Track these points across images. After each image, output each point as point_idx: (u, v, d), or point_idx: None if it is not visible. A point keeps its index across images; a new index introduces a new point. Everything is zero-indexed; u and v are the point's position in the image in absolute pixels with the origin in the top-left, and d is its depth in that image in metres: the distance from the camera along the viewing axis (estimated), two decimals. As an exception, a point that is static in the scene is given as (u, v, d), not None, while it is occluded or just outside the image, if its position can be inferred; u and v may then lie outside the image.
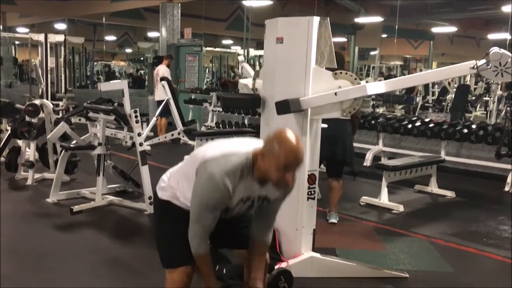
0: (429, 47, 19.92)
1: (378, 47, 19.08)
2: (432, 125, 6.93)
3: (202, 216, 2.10)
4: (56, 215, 4.64)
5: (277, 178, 1.99)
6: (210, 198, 2.04)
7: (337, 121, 4.32)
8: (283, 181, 1.99)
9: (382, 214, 4.99)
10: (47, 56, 11.48)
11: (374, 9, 15.26)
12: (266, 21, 3.57)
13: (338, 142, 4.39)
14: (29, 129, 5.75)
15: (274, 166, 1.96)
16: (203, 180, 2.05)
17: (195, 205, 2.12)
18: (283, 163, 1.95)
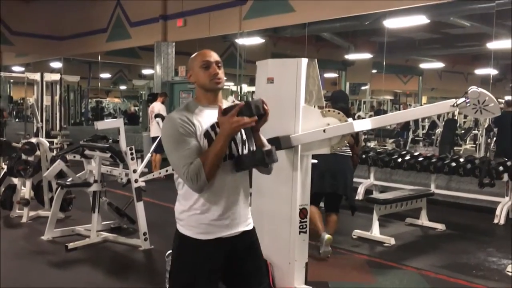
0: (418, 82, 20.36)
1: (368, 82, 19.48)
2: (421, 159, 7.07)
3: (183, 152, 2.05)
4: (51, 252, 4.68)
5: (206, 77, 2.16)
6: (175, 124, 2.08)
7: (339, 157, 4.53)
8: (212, 75, 2.15)
9: (373, 247, 5.07)
10: (43, 95, 11.64)
11: (364, 46, 15.68)
12: (258, 62, 3.74)
13: (340, 178, 4.54)
14: (26, 167, 5.83)
15: (199, 71, 2.17)
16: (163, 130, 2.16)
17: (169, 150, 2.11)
18: (201, 62, 2.17)
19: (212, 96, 2.20)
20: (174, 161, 2.09)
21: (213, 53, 2.21)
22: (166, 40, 11.33)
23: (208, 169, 2.02)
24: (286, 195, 3.49)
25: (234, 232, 2.20)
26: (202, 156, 2.05)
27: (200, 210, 2.15)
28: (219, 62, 2.19)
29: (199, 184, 2.04)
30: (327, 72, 20.18)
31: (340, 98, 4.83)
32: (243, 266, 2.27)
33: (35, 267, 4.31)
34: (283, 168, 3.48)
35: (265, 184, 3.60)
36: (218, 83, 2.17)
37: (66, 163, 5.47)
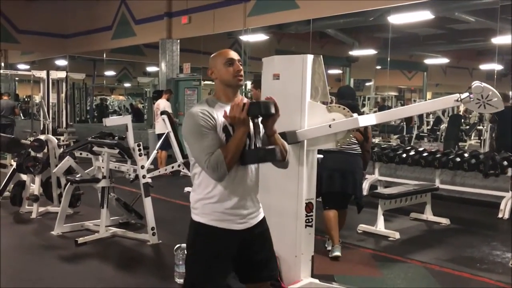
0: (423, 78, 20.33)
1: (372, 78, 19.48)
2: (425, 154, 7.11)
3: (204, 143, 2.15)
4: (61, 247, 4.76)
5: (230, 74, 2.28)
6: (196, 118, 2.18)
7: (348, 155, 4.48)
8: (235, 72, 2.28)
9: (379, 242, 5.12)
10: (49, 92, 11.72)
11: (368, 42, 15.68)
12: (264, 59, 3.79)
13: (349, 177, 4.48)
14: (35, 163, 5.92)
15: (222, 68, 2.29)
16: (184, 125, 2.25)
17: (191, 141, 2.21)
18: (224, 60, 2.30)
19: (232, 93, 2.31)
20: (196, 152, 2.20)
21: (234, 52, 2.35)
22: (171, 37, 11.39)
23: (228, 160, 2.14)
24: (292, 190, 3.54)
25: (247, 225, 2.30)
26: (223, 147, 2.17)
27: (215, 199, 2.24)
28: (240, 60, 2.33)
29: (219, 173, 2.15)
30: (331, 69, 20.19)
31: (346, 94, 4.78)
32: (255, 256, 2.36)
33: (45, 261, 4.39)
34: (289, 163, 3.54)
35: (272, 179, 3.64)
36: (240, 80, 2.31)
37: (74, 159, 5.55)
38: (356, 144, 4.53)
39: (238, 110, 2.16)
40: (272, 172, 3.63)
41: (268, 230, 2.45)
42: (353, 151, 4.54)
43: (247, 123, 2.21)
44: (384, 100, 18.68)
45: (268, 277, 2.42)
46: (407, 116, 9.69)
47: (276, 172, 3.60)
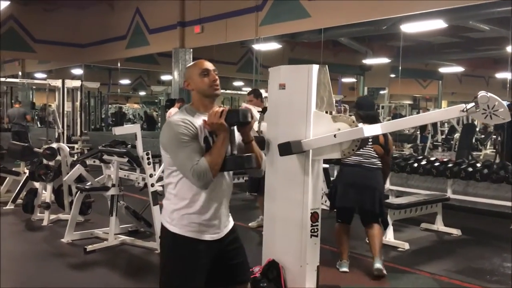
0: (438, 86, 20.17)
1: (386, 87, 19.38)
2: (437, 163, 7.03)
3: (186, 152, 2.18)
4: (71, 254, 4.81)
5: (205, 83, 2.31)
6: (176, 127, 2.20)
7: (366, 170, 4.31)
8: (210, 82, 2.31)
9: (387, 252, 5.07)
10: (64, 101, 11.93)
11: (381, 50, 15.63)
12: (270, 69, 3.81)
13: (366, 193, 4.29)
14: (47, 171, 6.00)
15: (197, 78, 2.32)
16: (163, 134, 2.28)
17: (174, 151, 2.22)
18: (199, 70, 2.32)
19: (209, 102, 2.35)
20: (180, 161, 2.22)
21: (209, 62, 2.38)
22: (183, 46, 11.48)
23: (213, 166, 2.19)
24: (298, 199, 3.54)
25: (222, 234, 2.37)
26: (207, 154, 2.21)
27: (193, 210, 2.28)
28: (216, 70, 2.36)
29: (205, 180, 2.19)
30: (345, 77, 20.16)
31: (365, 105, 4.61)
32: (230, 262, 2.43)
33: (55, 268, 4.44)
34: (294, 172, 3.55)
35: (277, 188, 3.66)
36: (216, 89, 2.34)
37: (85, 167, 5.62)
38: (376, 158, 4.35)
39: (216, 117, 2.22)
40: (277, 182, 3.66)
41: (238, 236, 2.52)
42: (372, 165, 4.33)
43: (226, 129, 2.25)
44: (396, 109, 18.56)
45: (243, 281, 2.51)
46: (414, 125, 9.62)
47: (281, 181, 3.64)
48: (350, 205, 4.36)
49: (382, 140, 4.36)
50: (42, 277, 4.23)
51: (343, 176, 4.37)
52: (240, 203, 7.41)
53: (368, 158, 4.31)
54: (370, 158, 4.33)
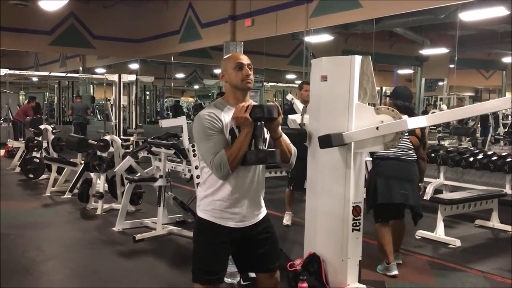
0: (502, 77, 19.20)
1: (445, 78, 18.66)
2: (495, 158, 6.71)
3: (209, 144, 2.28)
4: (120, 242, 4.98)
5: (238, 78, 2.36)
6: (202, 121, 2.31)
7: (404, 162, 4.18)
8: (244, 76, 2.36)
9: (437, 249, 4.91)
10: (121, 95, 12.35)
11: (440, 40, 15.06)
12: (312, 61, 3.77)
13: (408, 187, 4.14)
14: (100, 162, 6.24)
15: (232, 71, 2.37)
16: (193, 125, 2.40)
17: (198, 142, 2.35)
18: (234, 64, 2.37)
19: (241, 95, 2.40)
20: (202, 152, 2.34)
21: (245, 56, 2.43)
22: (234, 40, 11.55)
23: (231, 160, 2.26)
24: (339, 193, 3.48)
25: (247, 223, 2.44)
26: (227, 148, 2.28)
27: (217, 197, 2.39)
28: (250, 65, 2.40)
29: (223, 173, 2.28)
30: (401, 69, 19.59)
31: (402, 95, 4.49)
32: (257, 250, 2.50)
33: (104, 255, 4.61)
34: (336, 166, 3.49)
35: (319, 182, 3.61)
36: (249, 83, 2.39)
37: (136, 159, 5.79)
38: (412, 150, 4.21)
39: (241, 111, 2.27)
40: (319, 176, 3.62)
41: (271, 226, 2.57)
42: (409, 158, 4.21)
43: (250, 124, 2.29)
44: (463, 101, 17.68)
45: (268, 270, 2.56)
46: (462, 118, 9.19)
47: (323, 175, 3.59)
48: (395, 201, 4.13)
49: (419, 132, 4.21)
50: (92, 264, 4.42)
51: (382, 170, 4.16)
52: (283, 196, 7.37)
53: (405, 150, 4.15)
54: (407, 150, 4.17)
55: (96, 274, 4.11)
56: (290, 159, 2.48)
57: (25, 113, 13.01)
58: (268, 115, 2.32)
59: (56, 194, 7.33)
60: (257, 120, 2.32)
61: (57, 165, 7.72)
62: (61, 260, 4.56)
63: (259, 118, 2.32)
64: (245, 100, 2.40)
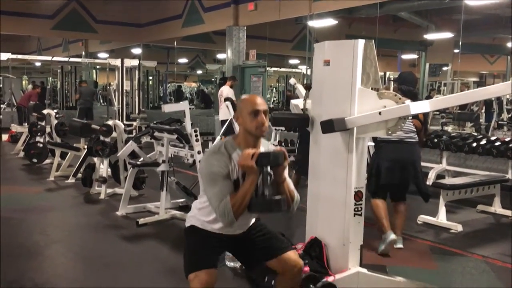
0: (506, 62, 19.05)
1: (450, 63, 18.53)
2: (498, 143, 6.70)
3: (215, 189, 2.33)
4: (124, 227, 5.02)
5: (253, 124, 2.38)
6: (210, 166, 2.36)
7: (407, 145, 4.28)
8: (258, 123, 2.38)
9: (439, 234, 4.93)
10: (123, 80, 12.33)
11: (445, 24, 14.92)
12: (315, 45, 3.74)
13: (410, 167, 4.29)
14: (103, 147, 6.26)
15: (247, 116, 2.39)
16: (201, 166, 2.47)
17: (205, 185, 2.41)
18: (250, 110, 2.38)
19: (253, 141, 2.43)
20: (210, 197, 2.38)
21: (262, 101, 2.45)
22: (237, 24, 11.49)
23: (236, 208, 2.30)
24: (342, 178, 3.48)
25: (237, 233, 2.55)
26: (232, 195, 2.31)
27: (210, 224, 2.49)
28: (266, 111, 2.42)
29: (228, 220, 2.32)
30: (405, 53, 19.45)
31: (408, 80, 4.54)
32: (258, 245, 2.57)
33: (108, 239, 4.65)
34: (338, 151, 3.49)
35: (321, 167, 3.62)
36: (263, 131, 2.42)
37: (138, 144, 5.80)
38: (415, 132, 4.33)
39: (247, 159, 2.29)
40: (321, 161, 3.62)
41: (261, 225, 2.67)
42: (412, 140, 4.32)
43: (256, 172, 2.32)
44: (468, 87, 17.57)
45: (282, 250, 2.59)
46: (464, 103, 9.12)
47: (325, 160, 3.59)
48: (397, 182, 4.29)
49: (421, 116, 4.29)
50: (96, 247, 4.46)
51: (386, 153, 4.22)
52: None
53: (408, 133, 4.23)
54: (410, 132, 4.27)
55: (100, 258, 4.15)
56: (292, 206, 2.50)
57: (30, 98, 13.02)
58: (275, 163, 2.36)
59: (60, 178, 7.37)
60: (263, 166, 2.36)
61: (61, 150, 7.75)
62: (65, 244, 4.60)
63: (265, 166, 2.36)
64: (257, 145, 2.43)
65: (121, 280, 3.66)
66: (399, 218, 4.45)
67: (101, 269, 3.89)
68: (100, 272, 3.83)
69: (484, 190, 5.54)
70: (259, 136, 2.43)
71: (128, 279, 3.67)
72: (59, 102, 18.71)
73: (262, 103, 2.43)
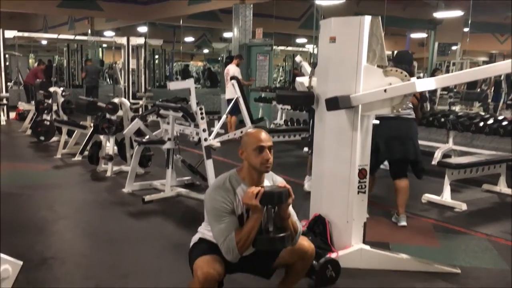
0: (516, 41, 18.76)
1: (459, 42, 18.28)
2: (505, 123, 6.65)
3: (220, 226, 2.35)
4: (130, 203, 5.07)
5: (257, 160, 2.40)
6: (214, 202, 2.38)
7: (403, 121, 4.35)
8: (263, 160, 2.40)
9: (443, 212, 4.94)
10: (129, 58, 12.30)
11: (454, 2, 14.69)
12: (321, 22, 3.72)
13: (409, 143, 4.35)
14: (109, 125, 6.29)
15: (251, 152, 2.41)
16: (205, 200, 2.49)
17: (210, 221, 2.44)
18: (255, 146, 2.40)
19: (257, 176, 2.45)
20: (214, 233, 2.40)
21: (267, 137, 2.46)
22: (244, 2, 11.38)
23: (240, 246, 2.34)
24: (346, 156, 3.50)
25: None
26: (237, 232, 2.33)
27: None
28: (271, 147, 2.43)
29: (232, 256, 2.35)
30: (414, 32, 19.21)
31: (403, 59, 4.52)
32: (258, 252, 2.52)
33: (115, 216, 4.70)
34: (343, 128, 3.49)
35: (326, 145, 3.63)
36: (267, 168, 2.43)
37: (144, 122, 5.82)
38: (411, 109, 4.41)
39: (251, 198, 2.30)
40: (326, 139, 3.62)
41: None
42: (409, 116, 4.40)
43: (260, 210, 2.33)
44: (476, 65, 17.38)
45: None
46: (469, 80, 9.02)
47: (330, 138, 3.60)
48: (396, 157, 4.38)
49: (418, 94, 4.32)
50: (102, 223, 4.52)
51: (384, 129, 4.20)
52: (294, 160, 7.44)
53: (405, 109, 4.23)
54: (407, 109, 4.30)
55: (106, 233, 4.20)
56: (295, 239, 2.52)
57: (36, 76, 13.03)
58: (279, 202, 2.37)
59: (67, 156, 7.42)
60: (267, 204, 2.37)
61: (67, 127, 7.79)
62: (72, 220, 4.67)
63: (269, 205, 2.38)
64: (261, 179, 2.45)
65: (127, 255, 3.71)
66: (400, 196, 4.45)
67: (107, 244, 3.95)
68: (107, 247, 3.89)
69: (490, 169, 5.53)
70: (264, 172, 2.46)
71: (133, 254, 3.73)
72: (65, 80, 18.73)
73: (267, 139, 2.44)
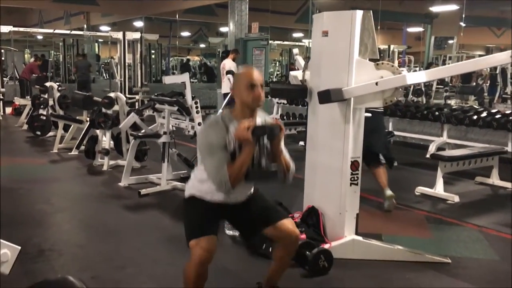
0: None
1: (455, 36, 18.33)
2: (498, 116, 6.72)
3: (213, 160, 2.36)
4: (126, 197, 5.12)
5: (249, 97, 2.41)
6: (208, 137, 2.40)
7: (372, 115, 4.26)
8: (255, 96, 2.41)
9: (435, 204, 5.00)
10: (125, 53, 12.31)
11: (451, -5, 14.72)
12: (314, 16, 3.76)
13: (373, 136, 4.45)
14: (105, 119, 6.32)
15: (243, 90, 2.42)
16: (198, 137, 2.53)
17: (203, 156, 2.46)
18: (247, 83, 2.41)
19: (249, 113, 2.46)
20: (207, 166, 2.41)
21: (258, 74, 2.47)
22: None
23: (233, 179, 2.35)
24: (338, 148, 3.54)
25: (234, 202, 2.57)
26: (229, 166, 2.35)
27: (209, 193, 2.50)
28: (262, 84, 2.46)
29: (225, 190, 2.37)
30: (410, 26, 19.24)
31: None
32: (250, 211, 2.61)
33: (111, 209, 4.75)
34: (335, 121, 3.54)
35: (319, 138, 3.67)
36: (259, 104, 2.46)
37: (140, 116, 5.86)
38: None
39: (243, 131, 2.31)
40: (319, 131, 3.67)
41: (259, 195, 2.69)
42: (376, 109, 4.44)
43: (251, 144, 2.35)
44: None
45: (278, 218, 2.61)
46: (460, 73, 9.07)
47: (323, 131, 3.65)
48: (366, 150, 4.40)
49: None
50: (99, 216, 4.56)
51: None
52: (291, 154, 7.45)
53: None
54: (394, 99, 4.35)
55: (103, 226, 4.25)
56: (287, 176, 2.54)
57: (31, 71, 13.04)
58: (270, 136, 2.40)
59: (63, 150, 7.46)
60: (259, 138, 2.39)
61: (64, 122, 7.82)
62: (69, 213, 4.71)
63: (261, 137, 2.40)
64: (254, 116, 2.47)
65: (124, 247, 3.76)
66: (378, 177, 4.74)
67: (104, 237, 3.99)
68: (103, 239, 3.93)
69: (483, 162, 5.59)
70: (256, 107, 2.47)
71: (130, 245, 3.77)
72: (61, 75, 18.71)
73: (259, 76, 2.46)
